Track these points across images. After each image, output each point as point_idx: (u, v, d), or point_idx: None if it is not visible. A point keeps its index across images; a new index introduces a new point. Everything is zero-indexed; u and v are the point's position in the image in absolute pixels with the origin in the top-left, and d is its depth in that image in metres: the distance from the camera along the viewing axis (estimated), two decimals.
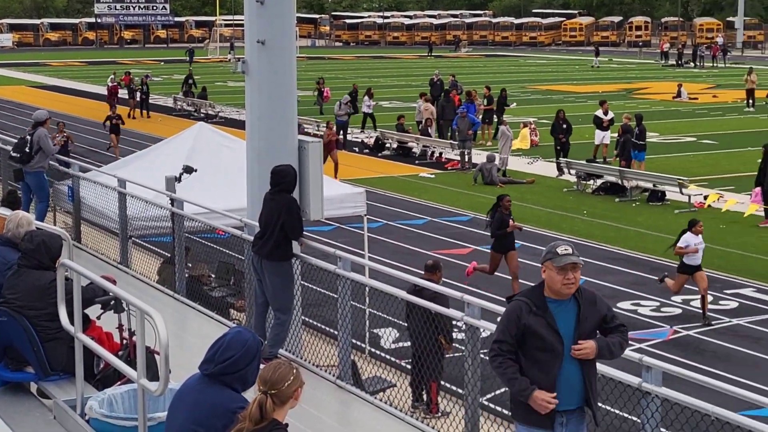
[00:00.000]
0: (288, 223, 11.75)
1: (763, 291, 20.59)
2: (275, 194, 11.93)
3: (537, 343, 7.27)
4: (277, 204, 11.83)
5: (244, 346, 6.36)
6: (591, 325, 7.45)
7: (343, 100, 42.38)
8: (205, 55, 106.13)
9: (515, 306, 7.43)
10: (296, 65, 14.16)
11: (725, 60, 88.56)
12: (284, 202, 11.85)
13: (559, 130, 34.48)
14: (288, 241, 11.87)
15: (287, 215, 11.76)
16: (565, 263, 7.34)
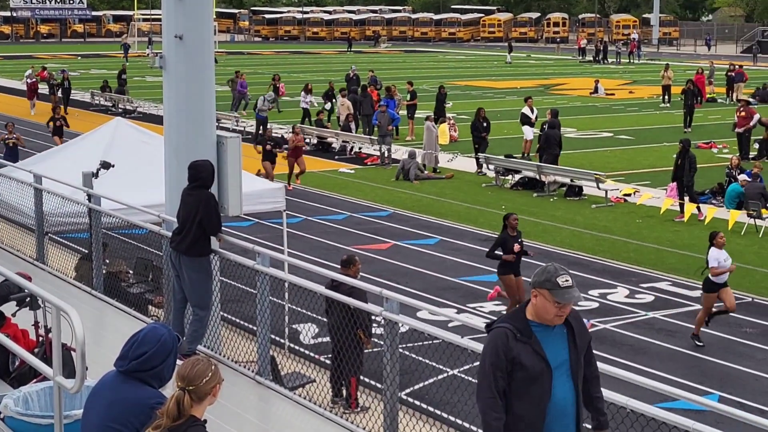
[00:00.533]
0: (206, 218, 11.71)
1: (678, 285, 20.88)
2: (193, 190, 11.88)
3: (523, 374, 6.48)
4: (195, 199, 11.78)
5: (158, 342, 6.32)
6: (583, 347, 6.75)
7: (267, 96, 42.19)
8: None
9: (500, 334, 6.55)
10: (214, 60, 14.10)
11: (638, 56, 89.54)
12: (202, 197, 11.79)
13: (480, 128, 34.64)
14: (206, 236, 11.82)
15: (205, 211, 11.71)
16: (567, 301, 6.53)
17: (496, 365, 6.45)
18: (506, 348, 6.46)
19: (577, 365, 6.62)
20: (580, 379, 6.67)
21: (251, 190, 16.35)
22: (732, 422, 7.48)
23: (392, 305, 9.74)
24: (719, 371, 16.37)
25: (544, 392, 6.49)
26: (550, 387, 6.51)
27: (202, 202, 11.76)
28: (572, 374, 6.60)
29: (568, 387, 6.58)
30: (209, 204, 11.81)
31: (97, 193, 14.88)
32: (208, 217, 11.71)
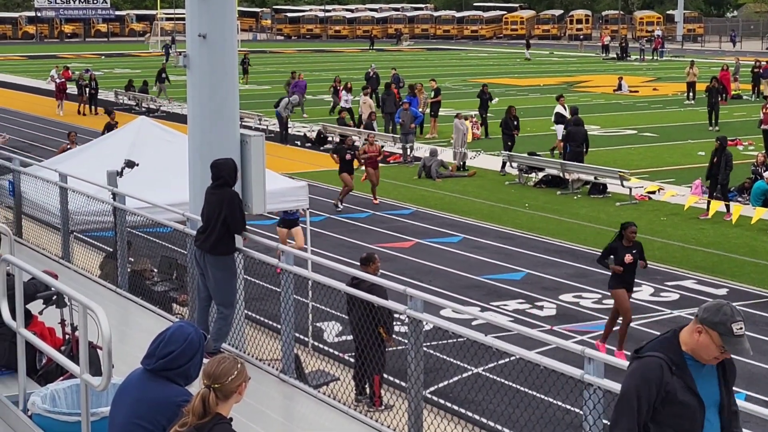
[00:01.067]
0: (230, 216, 11.72)
1: (703, 282, 20.80)
2: (216, 188, 11.90)
3: (674, 409, 6.00)
4: (218, 198, 11.80)
5: (185, 341, 6.34)
6: (732, 386, 6.36)
7: (292, 100, 42.18)
8: (146, 49, 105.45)
9: (653, 365, 5.99)
10: (237, 59, 14.12)
11: (661, 54, 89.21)
12: (225, 195, 11.81)
13: (511, 126, 34.52)
14: (230, 235, 11.84)
15: (229, 209, 11.73)
16: (737, 352, 6.09)
17: (644, 397, 5.96)
18: (660, 381, 5.96)
19: (728, 405, 6.23)
20: (728, 418, 6.27)
21: (275, 188, 16.38)
22: (759, 421, 7.45)
23: (416, 303, 9.73)
24: (745, 370, 16.30)
25: (695, 430, 6.07)
26: (702, 426, 6.09)
27: (225, 201, 11.75)
28: (721, 413, 6.21)
29: (716, 426, 6.18)
30: (233, 202, 11.82)
31: (121, 192, 14.93)
32: (232, 215, 11.73)
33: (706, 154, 35.05)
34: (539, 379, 8.74)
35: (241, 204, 12.13)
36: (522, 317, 18.51)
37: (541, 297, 19.85)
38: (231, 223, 11.72)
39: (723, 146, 27.11)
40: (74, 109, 51.52)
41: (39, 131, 43.00)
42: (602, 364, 7.95)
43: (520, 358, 8.79)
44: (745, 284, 20.70)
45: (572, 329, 18.02)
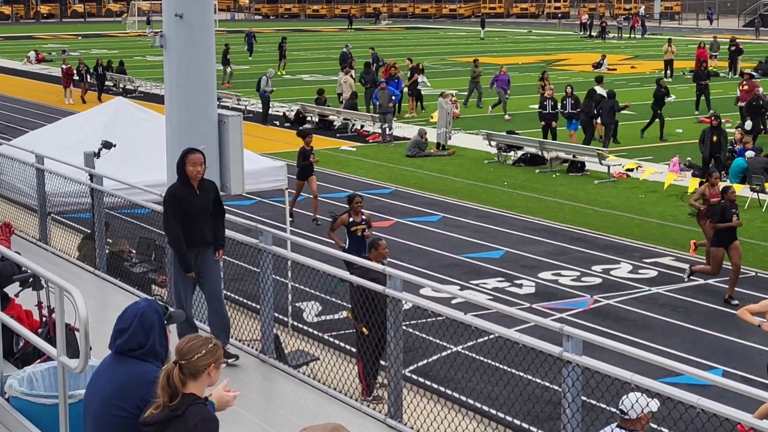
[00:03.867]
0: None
1: (681, 260, 20.86)
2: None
3: None
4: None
5: (136, 315, 6.33)
6: None
7: (269, 75, 41.89)
8: (123, 29, 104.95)
9: None
10: (215, 39, 14.04)
11: (643, 32, 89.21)
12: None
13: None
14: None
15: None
16: None
17: None
18: None
19: None
20: None
21: (253, 168, 16.34)
22: (736, 397, 7.48)
23: (395, 282, 9.73)
24: (723, 346, 16.37)
25: None
26: None
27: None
28: None
29: None
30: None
31: (99, 173, 14.86)
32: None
33: (684, 132, 35.20)
34: (518, 356, 8.74)
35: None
36: (501, 295, 18.54)
37: (520, 275, 19.89)
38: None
39: (720, 123, 27.27)
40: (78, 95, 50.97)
41: (14, 112, 42.76)
42: (581, 341, 7.97)
43: (499, 336, 8.80)
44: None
45: (551, 307, 18.05)
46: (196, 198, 11.20)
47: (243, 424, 9.34)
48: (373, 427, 9.65)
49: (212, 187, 11.48)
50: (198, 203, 11.21)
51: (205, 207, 11.26)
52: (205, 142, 13.54)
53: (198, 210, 11.23)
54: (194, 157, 11.14)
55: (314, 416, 9.66)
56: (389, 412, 9.80)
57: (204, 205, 11.25)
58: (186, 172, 11.15)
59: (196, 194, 11.19)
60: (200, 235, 11.25)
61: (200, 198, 11.23)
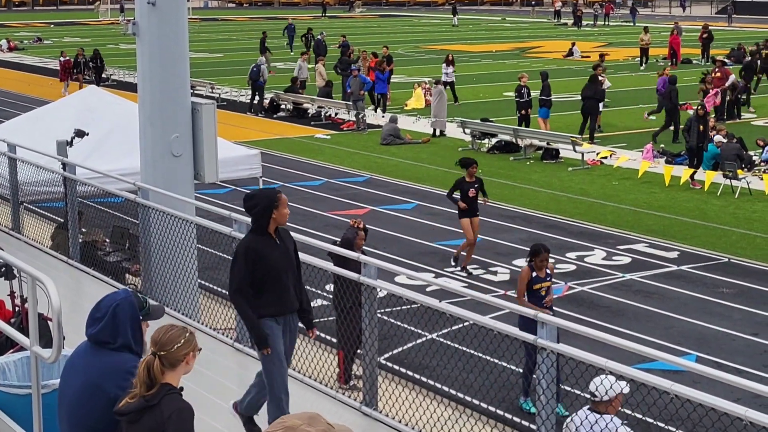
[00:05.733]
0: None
1: (655, 246, 20.93)
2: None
3: None
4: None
5: (111, 307, 6.31)
6: None
7: (260, 62, 41.53)
8: (96, 17, 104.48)
9: None
10: (188, 27, 14.00)
11: (609, 19, 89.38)
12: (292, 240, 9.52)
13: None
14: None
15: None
16: None
17: None
18: None
19: None
20: None
21: (227, 156, 16.31)
22: (709, 382, 7.51)
23: (370, 270, 9.73)
24: (696, 332, 16.45)
25: None
26: None
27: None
28: None
29: None
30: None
31: (71, 162, 14.80)
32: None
33: (657, 119, 35.28)
34: (493, 343, 8.77)
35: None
36: (476, 283, 18.56)
37: (495, 262, 19.91)
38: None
39: (706, 113, 27.33)
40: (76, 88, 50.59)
41: (9, 107, 42.57)
42: (555, 328, 8.00)
43: (474, 323, 8.82)
44: (695, 247, 20.86)
45: None
46: (278, 251, 9.05)
47: (219, 412, 9.33)
48: (348, 415, 9.65)
49: (290, 236, 9.38)
50: (281, 258, 9.04)
51: (290, 262, 9.12)
52: (179, 130, 13.54)
53: (283, 267, 9.04)
54: (285, 199, 9.17)
55: (290, 404, 9.65)
56: (364, 399, 9.81)
57: (288, 259, 9.11)
58: (270, 219, 9.04)
59: (277, 246, 9.05)
60: (288, 300, 9.10)
61: (282, 250, 9.08)
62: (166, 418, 5.74)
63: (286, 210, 9.03)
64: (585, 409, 9.30)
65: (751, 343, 15.91)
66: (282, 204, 8.98)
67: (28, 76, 52.35)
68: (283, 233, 9.13)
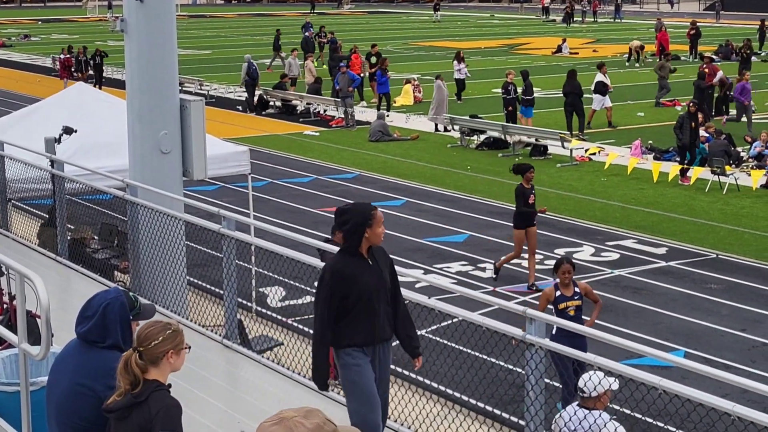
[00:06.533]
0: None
1: (643, 242, 20.97)
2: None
3: None
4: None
5: (101, 306, 6.29)
6: None
7: (249, 59, 41.37)
8: (84, 14, 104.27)
9: None
10: (176, 24, 13.98)
11: (619, 17, 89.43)
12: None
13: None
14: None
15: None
16: None
17: None
18: None
19: None
20: None
21: (216, 153, 16.28)
22: (698, 378, 7.53)
23: None
24: (685, 327, 16.48)
25: None
26: None
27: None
28: None
29: None
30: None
31: (60, 159, 14.77)
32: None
33: (645, 115, 35.32)
34: (482, 340, 8.76)
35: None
36: (465, 279, 18.57)
37: (484, 259, 19.93)
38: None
39: (698, 110, 27.40)
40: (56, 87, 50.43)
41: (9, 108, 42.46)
42: (543, 324, 8.00)
43: (463, 319, 8.82)
44: (684, 243, 20.90)
45: (514, 290, 18.11)
46: (370, 273, 8.13)
47: (207, 409, 9.33)
48: (337, 411, 9.65)
49: (386, 255, 8.40)
50: (373, 281, 8.10)
51: (383, 285, 8.18)
52: (167, 127, 13.52)
53: (375, 291, 8.09)
54: (381, 216, 8.33)
55: (278, 401, 9.65)
56: None
57: (381, 282, 8.16)
58: (362, 238, 8.19)
59: (369, 267, 8.15)
60: (379, 327, 8.12)
61: (374, 272, 8.16)
62: (154, 414, 5.73)
63: (380, 229, 8.20)
64: (574, 405, 9.33)
65: (739, 338, 15.96)
66: (376, 222, 8.19)
67: (16, 73, 52.26)
68: (377, 253, 8.23)
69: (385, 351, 8.20)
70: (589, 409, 9.14)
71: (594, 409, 9.13)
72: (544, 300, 12.78)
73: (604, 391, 9.12)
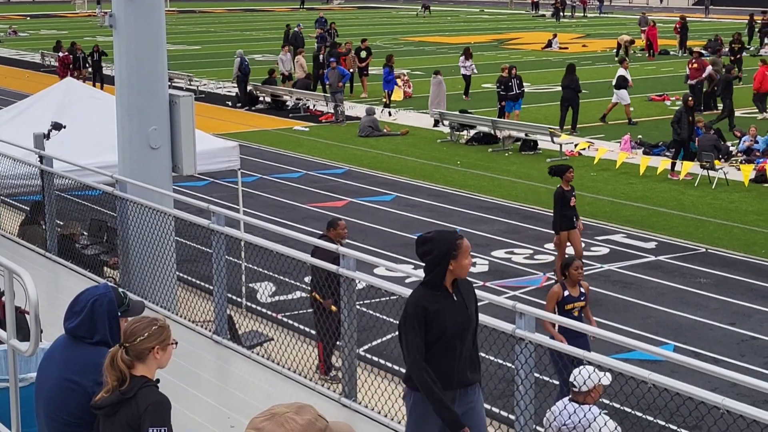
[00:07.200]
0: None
1: (633, 237, 21.00)
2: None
3: None
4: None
5: (89, 302, 6.28)
6: None
7: (240, 54, 41.19)
8: (73, 9, 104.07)
9: None
10: (165, 19, 13.95)
11: (600, 11, 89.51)
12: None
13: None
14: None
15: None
16: None
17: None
18: None
19: None
20: None
21: (205, 148, 16.26)
22: (687, 371, 7.54)
23: (349, 262, 9.72)
24: (674, 321, 16.51)
25: None
26: None
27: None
28: None
29: None
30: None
31: (49, 155, 14.74)
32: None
33: (634, 110, 35.34)
34: None
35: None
36: None
37: (474, 253, 19.80)
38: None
39: (695, 104, 27.50)
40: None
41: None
42: (533, 318, 8.00)
43: None
44: (673, 237, 20.93)
45: (504, 285, 18.12)
46: (455, 310, 7.36)
47: (197, 405, 9.32)
48: (327, 407, 9.64)
49: (471, 289, 7.64)
50: (458, 319, 7.35)
51: (468, 324, 7.43)
52: (157, 122, 13.50)
53: (458, 330, 7.35)
54: (468, 245, 7.49)
55: (269, 396, 9.65)
56: (344, 391, 9.81)
57: (466, 320, 7.40)
58: (446, 271, 7.36)
59: (454, 303, 7.36)
60: (461, 370, 7.44)
61: (459, 309, 7.37)
62: (143, 410, 5.72)
63: (467, 260, 7.37)
64: (564, 399, 9.34)
65: (729, 332, 15.99)
66: (462, 253, 7.33)
67: (5, 68, 52.09)
68: (462, 286, 7.43)
69: (469, 397, 7.50)
70: (579, 404, 9.15)
71: (584, 403, 9.15)
72: (553, 300, 12.57)
73: (594, 385, 9.13)
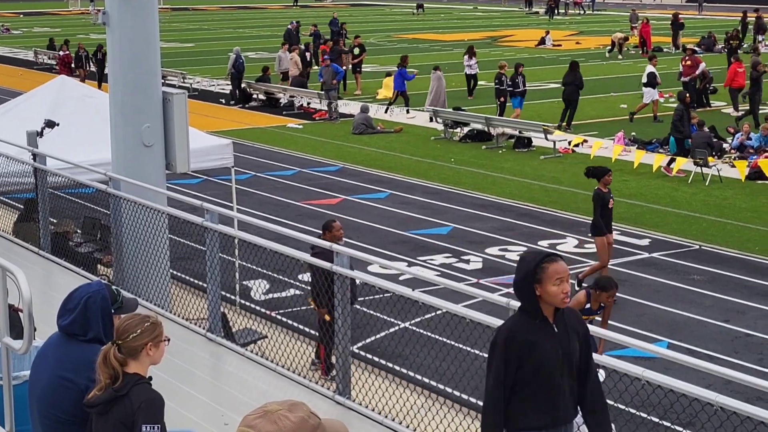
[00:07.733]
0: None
1: (626, 233, 21.00)
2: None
3: None
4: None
5: (82, 299, 6.28)
6: None
7: (237, 52, 41.12)
8: (66, 7, 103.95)
9: None
10: (159, 17, 13.94)
11: (592, 8, 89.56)
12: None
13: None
14: None
15: None
16: None
17: None
18: None
19: None
20: None
21: (199, 146, 16.25)
22: (681, 368, 7.55)
23: (343, 259, 9.72)
24: (668, 318, 16.52)
25: None
26: None
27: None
28: None
29: None
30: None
31: (42, 153, 14.72)
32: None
33: (628, 107, 35.36)
34: (466, 331, 8.77)
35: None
36: (449, 271, 18.58)
37: (468, 251, 19.94)
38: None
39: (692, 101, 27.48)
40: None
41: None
42: None
43: (446, 311, 8.83)
44: (667, 234, 20.95)
45: (498, 282, 18.12)
46: (554, 341, 6.57)
47: (191, 402, 9.32)
48: (321, 404, 9.65)
49: (579, 320, 6.89)
50: (557, 351, 6.55)
51: (570, 357, 6.60)
52: (150, 120, 13.50)
53: (557, 363, 6.55)
54: (556, 269, 6.59)
55: (262, 394, 9.65)
56: (338, 388, 9.81)
57: (568, 353, 6.59)
58: (535, 298, 6.60)
59: (554, 334, 6.58)
60: (562, 406, 6.63)
61: (560, 341, 6.59)
62: (136, 408, 5.72)
63: (556, 287, 6.48)
64: None
65: (723, 329, 16.01)
66: (547, 277, 6.51)
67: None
68: (568, 317, 6.67)
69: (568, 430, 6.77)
70: None
71: None
72: (575, 306, 12.36)
73: None
